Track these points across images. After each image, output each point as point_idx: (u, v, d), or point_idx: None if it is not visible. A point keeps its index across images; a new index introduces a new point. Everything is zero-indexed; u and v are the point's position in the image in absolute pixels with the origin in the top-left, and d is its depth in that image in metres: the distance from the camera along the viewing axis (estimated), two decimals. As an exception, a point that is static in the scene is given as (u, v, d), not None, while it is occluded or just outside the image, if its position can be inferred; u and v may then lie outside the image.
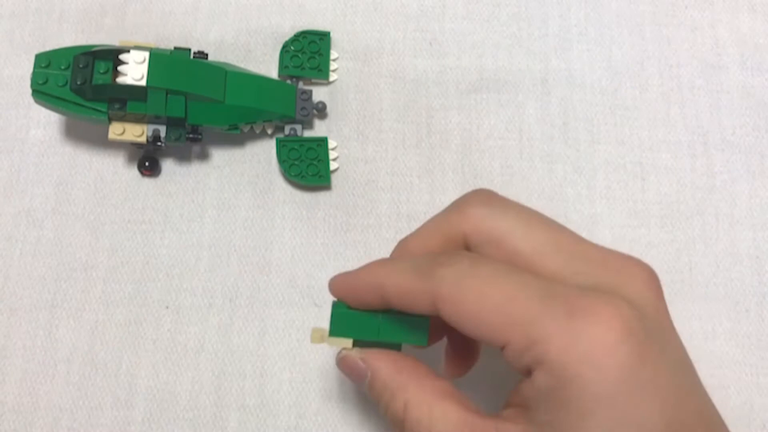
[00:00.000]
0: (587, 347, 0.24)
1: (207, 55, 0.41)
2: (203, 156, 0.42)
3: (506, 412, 0.27)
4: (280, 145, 0.41)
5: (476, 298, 0.26)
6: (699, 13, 0.46)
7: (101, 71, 0.39)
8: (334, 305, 0.31)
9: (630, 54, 0.45)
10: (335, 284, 0.31)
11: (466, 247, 0.29)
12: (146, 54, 0.38)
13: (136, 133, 0.39)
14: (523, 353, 0.25)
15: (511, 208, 0.29)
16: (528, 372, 0.26)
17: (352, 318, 0.30)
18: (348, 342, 0.31)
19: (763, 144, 0.44)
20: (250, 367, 0.39)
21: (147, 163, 0.41)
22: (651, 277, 0.27)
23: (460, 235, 0.29)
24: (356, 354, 0.30)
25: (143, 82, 0.38)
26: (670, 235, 0.42)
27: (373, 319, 0.30)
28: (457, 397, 0.28)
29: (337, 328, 0.31)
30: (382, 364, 0.30)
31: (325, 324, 0.31)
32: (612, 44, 0.45)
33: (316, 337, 0.31)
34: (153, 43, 0.41)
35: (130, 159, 0.42)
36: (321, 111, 0.43)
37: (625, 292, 0.26)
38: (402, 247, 0.32)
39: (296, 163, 0.41)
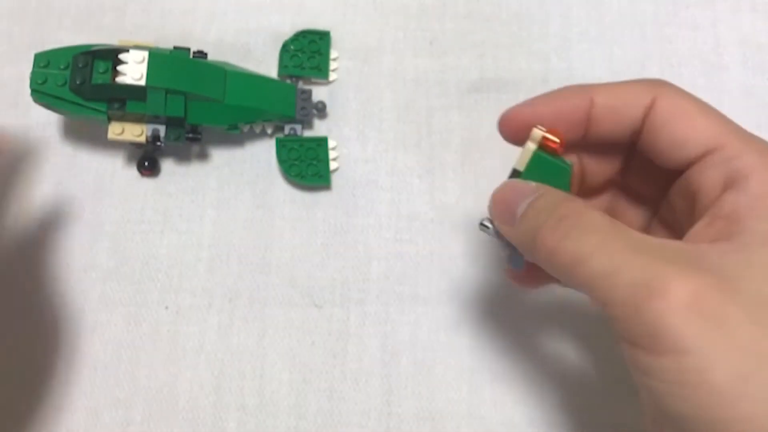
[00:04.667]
0: None
1: (206, 54, 0.41)
2: (203, 156, 0.42)
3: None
4: (280, 145, 0.41)
5: (696, 102, 0.28)
6: (700, 13, 0.46)
7: (100, 71, 0.38)
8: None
9: (631, 53, 0.45)
10: (530, 109, 0.31)
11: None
12: (145, 53, 0.38)
13: (135, 132, 0.39)
14: (734, 159, 0.26)
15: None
16: (729, 184, 0.26)
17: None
18: None
19: (765, 144, 0.44)
20: (250, 367, 0.39)
21: (146, 163, 0.41)
22: None
23: (642, 105, 0.29)
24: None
25: (142, 82, 0.38)
26: (671, 236, 0.42)
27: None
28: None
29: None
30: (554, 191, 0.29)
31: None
32: (613, 44, 0.45)
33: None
34: (152, 43, 0.40)
35: (130, 159, 0.42)
36: (321, 111, 0.43)
37: None
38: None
39: (296, 162, 0.41)
